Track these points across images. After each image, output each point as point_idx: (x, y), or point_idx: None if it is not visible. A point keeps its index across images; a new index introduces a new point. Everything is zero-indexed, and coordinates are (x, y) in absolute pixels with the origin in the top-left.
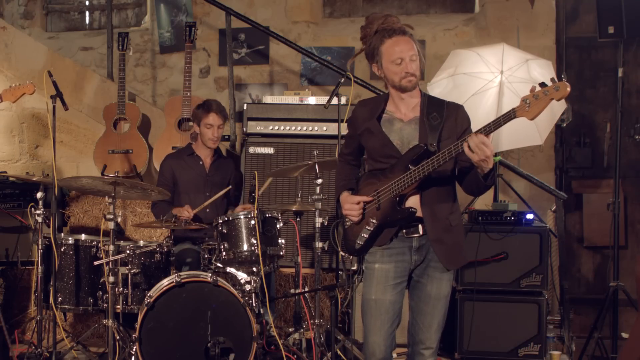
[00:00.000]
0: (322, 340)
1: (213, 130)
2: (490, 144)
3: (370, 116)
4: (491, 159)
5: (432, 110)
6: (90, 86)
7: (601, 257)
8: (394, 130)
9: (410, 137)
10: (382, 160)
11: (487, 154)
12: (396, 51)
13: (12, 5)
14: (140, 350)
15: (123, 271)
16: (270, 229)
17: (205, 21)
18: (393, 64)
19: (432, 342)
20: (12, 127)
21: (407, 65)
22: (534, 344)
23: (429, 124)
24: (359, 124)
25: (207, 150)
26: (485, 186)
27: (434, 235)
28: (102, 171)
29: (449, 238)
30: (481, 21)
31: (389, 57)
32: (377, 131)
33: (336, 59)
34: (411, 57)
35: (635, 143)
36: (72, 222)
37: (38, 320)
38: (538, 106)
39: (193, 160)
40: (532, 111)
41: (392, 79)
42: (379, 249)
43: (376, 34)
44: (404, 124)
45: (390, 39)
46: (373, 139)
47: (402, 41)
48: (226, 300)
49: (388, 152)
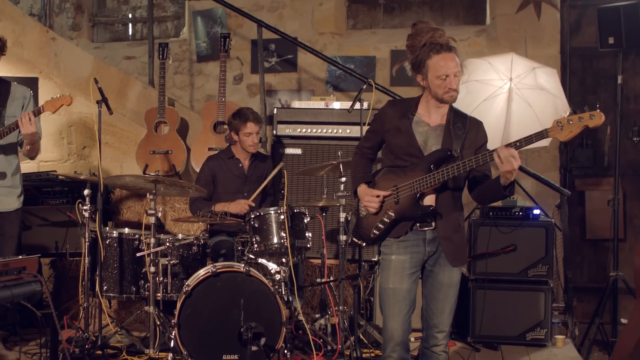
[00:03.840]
0: (346, 326)
1: (252, 137)
2: (518, 158)
3: (400, 116)
4: (516, 172)
5: (457, 121)
6: (133, 92)
7: (602, 249)
8: (419, 132)
9: (433, 141)
10: (404, 158)
11: (514, 166)
12: (442, 67)
13: (62, 18)
14: (179, 335)
15: (163, 262)
16: (298, 223)
17: (238, 32)
18: (438, 79)
19: (444, 325)
20: (62, 130)
21: (451, 82)
22: (540, 329)
23: (454, 133)
24: (387, 122)
25: (246, 154)
26: (502, 196)
27: (444, 233)
28: (143, 170)
29: (456, 237)
30: (492, 32)
31: (435, 72)
32: (407, 131)
33: (359, 67)
34: (455, 73)
35: (634, 144)
36: (117, 217)
37: (85, 307)
38: (571, 130)
39: (233, 162)
40: (564, 134)
41: (436, 92)
42: (394, 241)
43: (424, 47)
44: (430, 128)
45: (438, 54)
46: (400, 137)
47: (448, 58)
48: (258, 289)
49: (412, 152)
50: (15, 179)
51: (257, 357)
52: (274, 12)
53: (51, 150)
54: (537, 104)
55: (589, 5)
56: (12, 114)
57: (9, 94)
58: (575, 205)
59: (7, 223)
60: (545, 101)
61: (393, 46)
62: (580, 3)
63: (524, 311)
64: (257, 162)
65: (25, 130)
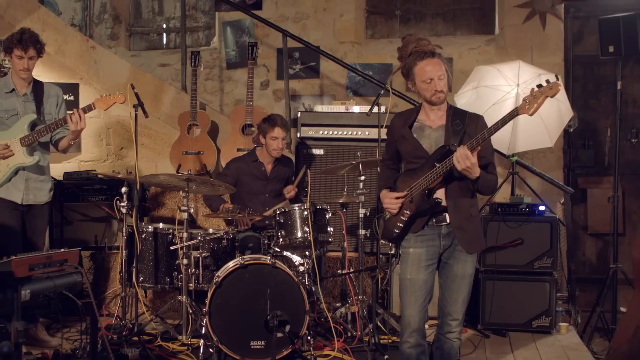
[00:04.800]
0: (365, 314)
1: (278, 141)
2: (471, 157)
3: (403, 125)
4: (474, 168)
5: (455, 119)
6: (167, 97)
7: (603, 242)
8: (424, 135)
9: (438, 141)
10: (414, 161)
11: (467, 164)
12: (427, 72)
13: (101, 28)
14: (210, 323)
15: (195, 255)
16: (321, 218)
17: (265, 41)
18: (424, 82)
19: (458, 314)
20: (100, 132)
21: (436, 84)
22: (545, 317)
23: (452, 130)
24: (395, 132)
25: (270, 158)
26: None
27: (457, 223)
28: (177, 169)
29: (469, 226)
30: (500, 41)
31: (421, 77)
32: (409, 137)
33: (377, 74)
34: (439, 76)
35: (632, 145)
36: (152, 213)
37: (122, 297)
38: (536, 102)
39: (256, 165)
40: (530, 107)
41: (424, 95)
42: (413, 236)
43: (410, 56)
44: (432, 130)
45: (422, 61)
46: (406, 143)
47: (431, 63)
48: (283, 280)
49: (419, 154)
50: (48, 174)
51: (282, 343)
52: (298, 23)
53: (91, 150)
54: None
55: (590, 16)
56: (49, 111)
57: (44, 92)
58: (578, 202)
59: (39, 217)
60: (549, 105)
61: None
62: (583, 14)
63: (530, 300)
64: (280, 166)
65: (75, 127)
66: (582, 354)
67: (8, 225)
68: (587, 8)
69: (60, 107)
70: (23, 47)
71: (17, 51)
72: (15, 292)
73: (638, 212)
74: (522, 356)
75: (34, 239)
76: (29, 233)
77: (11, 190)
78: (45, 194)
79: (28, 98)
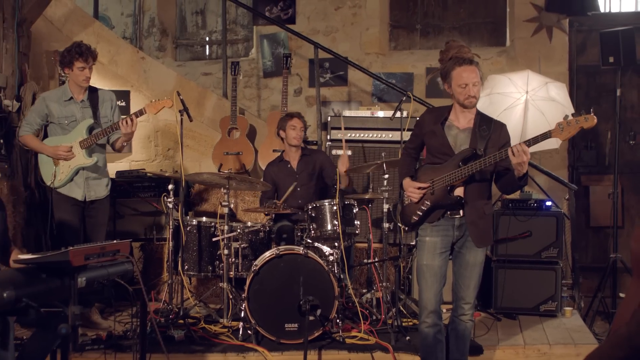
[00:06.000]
0: (388, 299)
1: (296, 130)
2: (528, 153)
3: (435, 121)
4: (526, 164)
5: (483, 124)
6: (210, 103)
7: (603, 234)
8: (451, 134)
9: (462, 142)
10: (438, 156)
11: (524, 159)
12: (463, 77)
13: (149, 41)
14: (248, 307)
15: (235, 245)
16: (349, 213)
17: (298, 53)
18: (459, 87)
19: (470, 298)
20: (149, 135)
21: (470, 89)
22: (552, 302)
23: (479, 134)
24: (425, 126)
25: (294, 153)
26: (518, 186)
27: (470, 218)
28: (218, 168)
29: (481, 223)
30: (511, 53)
31: (457, 81)
32: (440, 134)
33: (399, 82)
34: (474, 83)
35: (630, 147)
36: (196, 208)
37: (169, 284)
38: (569, 131)
39: (284, 164)
40: (564, 134)
41: (458, 98)
42: (429, 226)
43: (450, 60)
44: (459, 131)
45: (460, 66)
46: (435, 139)
47: (468, 70)
48: (314, 268)
49: (444, 151)
50: (105, 170)
51: (313, 325)
52: (328, 36)
53: (140, 152)
54: (549, 113)
55: (592, 30)
56: (104, 114)
57: (99, 98)
58: (581, 198)
59: (100, 211)
60: (556, 111)
61: (428, 64)
62: (585, 28)
63: (538, 287)
64: (305, 158)
65: (127, 130)
66: (585, 335)
67: (69, 219)
68: (590, 22)
69: (115, 110)
70: (84, 59)
71: (78, 63)
72: (72, 280)
73: (636, 207)
74: (531, 337)
75: (94, 233)
76: (88, 228)
77: (73, 187)
78: (103, 189)
79: (85, 104)
